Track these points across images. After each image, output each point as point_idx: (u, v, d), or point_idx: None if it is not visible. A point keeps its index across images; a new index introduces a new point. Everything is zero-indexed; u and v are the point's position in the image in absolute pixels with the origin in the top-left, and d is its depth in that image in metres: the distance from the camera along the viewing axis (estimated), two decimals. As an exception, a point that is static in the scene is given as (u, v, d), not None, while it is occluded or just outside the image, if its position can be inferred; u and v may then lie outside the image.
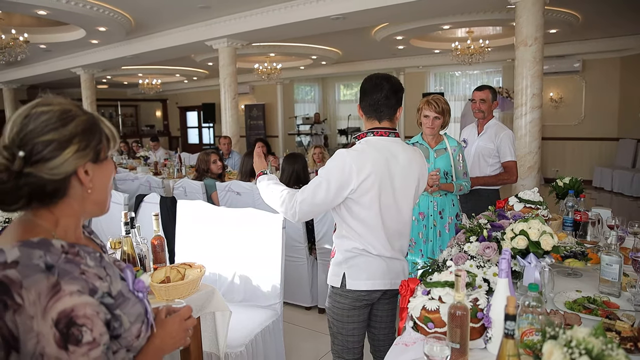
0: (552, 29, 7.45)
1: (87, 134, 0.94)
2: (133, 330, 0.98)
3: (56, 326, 0.82)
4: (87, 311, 0.86)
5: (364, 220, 1.89)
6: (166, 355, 1.13)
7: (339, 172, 1.84)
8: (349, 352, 2.05)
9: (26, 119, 0.91)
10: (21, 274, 0.83)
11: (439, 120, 2.89)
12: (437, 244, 2.92)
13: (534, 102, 4.74)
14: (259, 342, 2.48)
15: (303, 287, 3.79)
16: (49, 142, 0.89)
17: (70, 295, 0.85)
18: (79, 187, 0.95)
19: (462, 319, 1.32)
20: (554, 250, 1.75)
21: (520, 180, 4.59)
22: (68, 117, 0.93)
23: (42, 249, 0.88)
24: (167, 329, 1.09)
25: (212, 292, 2.05)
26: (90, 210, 1.00)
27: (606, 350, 0.86)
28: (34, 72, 10.95)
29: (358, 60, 11.53)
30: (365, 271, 1.92)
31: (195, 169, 5.06)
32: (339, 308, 1.99)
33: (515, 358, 0.99)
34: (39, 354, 0.82)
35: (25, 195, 0.90)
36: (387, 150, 1.90)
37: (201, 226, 2.86)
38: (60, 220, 0.96)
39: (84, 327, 0.85)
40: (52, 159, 0.89)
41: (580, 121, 9.89)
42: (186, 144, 16.78)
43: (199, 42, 7.56)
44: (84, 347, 0.85)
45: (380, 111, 1.92)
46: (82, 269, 0.91)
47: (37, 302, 0.82)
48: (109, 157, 1.00)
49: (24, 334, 0.81)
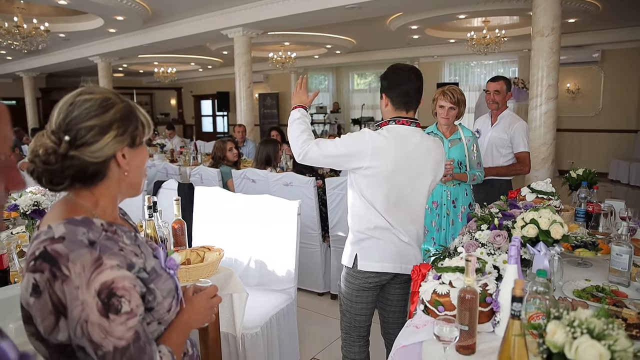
0: (571, 19, 7.35)
1: (125, 121, 1.01)
2: (165, 304, 1.05)
3: (98, 296, 0.90)
4: (126, 284, 0.94)
5: (377, 201, 1.95)
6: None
7: (354, 142, 1.92)
8: (356, 330, 2.13)
9: (71, 106, 0.99)
10: (67, 248, 0.92)
11: (454, 110, 2.91)
12: (450, 232, 2.97)
13: (549, 93, 4.71)
14: (273, 324, 2.56)
15: (316, 273, 3.87)
16: (91, 127, 0.97)
17: (111, 269, 0.92)
18: (116, 170, 1.02)
19: (471, 302, 1.37)
20: (564, 239, 1.79)
21: (534, 171, 4.59)
22: (108, 105, 1.00)
23: (85, 227, 0.96)
24: (195, 305, 1.16)
25: (230, 274, 2.13)
26: (126, 191, 1.08)
27: (607, 330, 0.90)
28: (52, 60, 11.13)
29: (372, 49, 11.49)
30: (375, 253, 1.99)
31: (211, 157, 5.14)
32: (350, 288, 2.08)
33: (520, 337, 1.05)
34: (84, 321, 0.89)
35: (70, 176, 0.98)
36: (407, 138, 1.96)
37: (218, 212, 2.94)
38: (100, 201, 1.04)
39: (123, 298, 0.92)
40: (94, 143, 0.97)
41: (598, 113, 9.75)
42: (200, 132, 16.91)
43: (214, 31, 7.61)
44: (123, 316, 0.92)
45: (409, 102, 1.99)
46: (120, 246, 0.99)
47: (81, 274, 0.90)
48: (144, 142, 1.08)
49: (71, 302, 0.90)
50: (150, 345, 0.98)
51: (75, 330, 0.90)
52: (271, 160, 4.45)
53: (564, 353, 0.90)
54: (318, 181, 3.79)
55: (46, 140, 0.96)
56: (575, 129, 9.92)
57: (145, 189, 3.82)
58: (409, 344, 1.48)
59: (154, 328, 1.05)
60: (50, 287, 0.90)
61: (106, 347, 0.90)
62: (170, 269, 1.10)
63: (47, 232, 0.95)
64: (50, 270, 0.90)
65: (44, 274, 0.91)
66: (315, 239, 3.79)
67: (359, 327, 2.13)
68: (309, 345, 3.13)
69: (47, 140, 0.96)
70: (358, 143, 1.92)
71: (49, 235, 0.94)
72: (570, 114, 9.87)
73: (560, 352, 0.91)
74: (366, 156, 1.90)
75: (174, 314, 1.10)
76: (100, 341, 0.90)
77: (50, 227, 0.95)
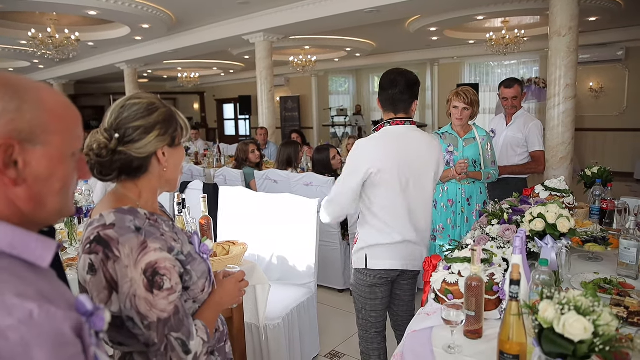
0: (592, 17, 7.29)
1: (166, 123, 1.17)
2: (199, 285, 1.20)
3: (144, 274, 1.05)
4: (167, 264, 1.08)
5: (385, 204, 2.06)
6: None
7: (350, 163, 2.05)
8: (372, 326, 2.23)
9: (122, 109, 1.15)
10: (118, 233, 1.06)
11: (467, 111, 2.99)
12: (465, 229, 3.04)
13: (567, 92, 4.73)
14: (294, 316, 2.69)
15: (336, 270, 3.99)
16: (137, 127, 1.13)
17: (155, 251, 1.07)
18: (157, 166, 1.18)
19: (476, 289, 1.48)
20: (571, 233, 1.86)
21: (552, 170, 4.62)
22: (153, 109, 1.16)
23: (132, 215, 1.12)
24: (225, 287, 1.31)
25: (254, 267, 2.27)
26: (164, 186, 1.24)
27: (592, 307, 1.00)
28: (81, 68, 11.55)
29: (392, 51, 11.55)
30: (384, 253, 2.11)
31: (234, 159, 5.31)
32: (363, 286, 2.18)
33: (517, 316, 1.15)
34: (132, 295, 1.04)
35: (117, 168, 1.14)
36: (404, 137, 2.06)
37: (242, 211, 3.08)
38: (143, 193, 1.20)
39: (165, 277, 1.07)
40: (139, 141, 1.13)
41: (622, 112, 9.60)
42: (223, 136, 17.22)
43: (236, 36, 7.80)
44: (165, 292, 1.07)
45: (395, 105, 2.08)
46: (161, 232, 1.14)
47: (130, 255, 1.05)
48: (182, 144, 1.23)
49: (121, 279, 1.04)
50: (187, 318, 1.12)
51: (125, 303, 1.04)
52: (292, 161, 4.60)
53: (553, 328, 1.00)
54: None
55: (100, 136, 1.12)
56: (599, 128, 9.79)
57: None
58: (420, 329, 1.59)
59: (189, 306, 1.20)
60: (104, 266, 1.05)
61: (151, 318, 1.05)
62: (204, 253, 1.25)
63: (99, 219, 1.10)
64: (104, 252, 1.05)
65: (99, 255, 1.05)
66: (335, 237, 3.91)
67: (374, 323, 2.23)
68: (329, 338, 3.25)
69: (101, 137, 1.12)
70: (353, 161, 2.04)
71: (101, 222, 1.09)
72: (593, 113, 9.74)
73: (550, 327, 1.01)
74: (365, 163, 2.01)
75: (207, 294, 1.24)
76: (146, 313, 1.04)
77: (102, 216, 1.10)
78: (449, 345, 1.44)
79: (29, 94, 0.69)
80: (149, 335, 1.06)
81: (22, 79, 0.71)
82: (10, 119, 0.66)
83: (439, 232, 3.06)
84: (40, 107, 0.70)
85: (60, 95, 0.76)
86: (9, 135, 0.66)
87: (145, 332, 1.05)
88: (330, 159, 4.16)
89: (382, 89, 2.11)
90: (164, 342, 1.07)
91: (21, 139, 0.67)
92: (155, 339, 1.06)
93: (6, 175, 0.67)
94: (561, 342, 0.99)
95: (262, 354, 2.56)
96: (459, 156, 3.03)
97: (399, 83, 2.06)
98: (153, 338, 1.06)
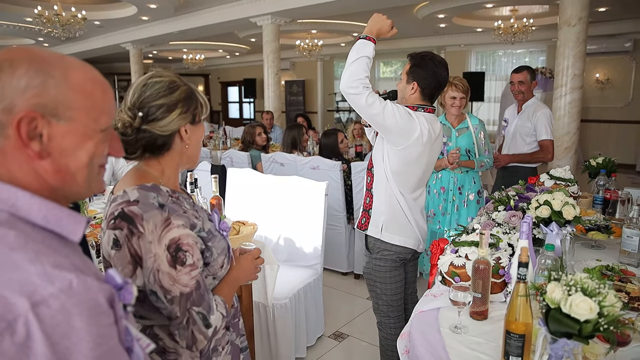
0: (602, 7, 7.24)
1: (187, 101, 1.18)
2: (219, 261, 1.23)
3: (168, 250, 1.07)
4: (189, 240, 1.11)
5: (403, 180, 2.08)
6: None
7: (406, 121, 1.98)
8: (394, 309, 2.23)
9: (144, 87, 1.15)
10: (142, 210, 1.08)
11: (464, 99, 3.05)
12: (455, 217, 3.12)
13: (574, 82, 4.73)
14: (301, 296, 2.76)
15: (341, 254, 4.05)
16: (160, 105, 1.14)
17: (178, 228, 1.09)
18: (179, 143, 1.19)
19: (484, 272, 1.52)
20: (575, 220, 1.91)
21: (557, 160, 4.64)
22: (174, 87, 1.16)
23: (155, 192, 1.14)
24: (242, 264, 1.33)
25: (263, 247, 2.32)
26: (186, 162, 1.26)
27: (598, 289, 1.05)
28: (86, 47, 11.52)
29: (399, 38, 11.45)
30: (399, 230, 2.14)
31: (241, 141, 5.34)
32: (381, 271, 2.18)
33: (525, 297, 1.19)
34: (156, 270, 1.07)
35: (142, 146, 1.16)
36: (433, 126, 2.08)
37: (249, 192, 3.13)
38: (165, 170, 1.21)
39: (187, 253, 1.09)
40: (163, 119, 1.14)
41: (628, 103, 9.58)
42: (227, 119, 17.19)
43: (244, 18, 7.76)
44: (187, 268, 1.09)
45: (436, 96, 2.13)
46: (184, 209, 1.17)
47: (154, 231, 1.07)
48: (202, 121, 1.24)
49: (145, 254, 1.07)
50: (208, 293, 1.16)
51: (149, 277, 1.07)
52: (297, 143, 4.62)
53: (560, 308, 1.05)
54: (343, 165, 3.95)
55: (124, 115, 1.13)
56: (604, 119, 9.78)
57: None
58: (427, 309, 1.64)
59: (209, 282, 1.23)
60: (128, 241, 1.07)
61: (174, 292, 1.08)
62: (223, 230, 1.28)
63: (122, 196, 1.12)
64: (128, 228, 1.07)
65: (123, 231, 1.07)
66: (341, 221, 3.96)
67: (396, 307, 2.23)
68: (333, 320, 3.32)
69: (125, 116, 1.13)
70: (410, 124, 1.98)
71: (125, 198, 1.11)
72: (599, 105, 9.72)
73: (557, 307, 1.06)
74: (410, 139, 1.99)
75: (226, 270, 1.27)
76: (169, 287, 1.07)
77: (125, 192, 1.12)
78: (455, 326, 1.49)
79: (55, 70, 0.70)
80: (172, 309, 1.08)
81: (50, 54, 0.72)
82: (34, 94, 0.67)
83: (431, 217, 3.18)
84: (66, 83, 0.70)
85: (89, 70, 0.75)
86: (32, 109, 0.67)
87: (168, 305, 1.08)
88: (338, 142, 4.19)
89: (431, 76, 2.05)
90: (186, 316, 1.09)
91: (45, 113, 0.68)
92: (178, 312, 1.08)
93: (30, 147, 0.68)
94: (567, 322, 1.03)
95: (268, 332, 2.62)
96: (452, 146, 3.09)
97: (446, 77, 2.09)
98: (175, 312, 1.08)
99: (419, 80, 2.07)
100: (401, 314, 2.27)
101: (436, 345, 1.40)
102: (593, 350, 1.23)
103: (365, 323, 3.27)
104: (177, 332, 1.11)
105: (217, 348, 1.26)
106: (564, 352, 1.06)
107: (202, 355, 1.21)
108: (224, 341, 1.29)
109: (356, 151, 5.28)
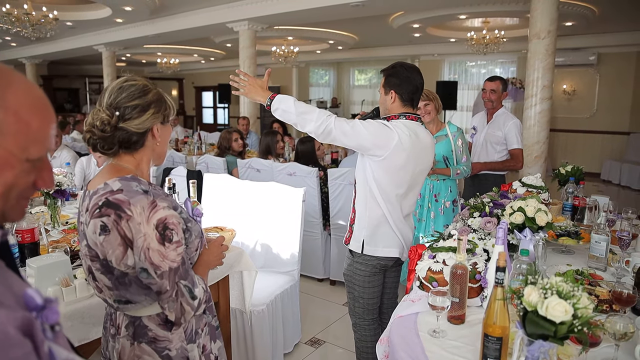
0: (568, 22, 7.52)
1: (158, 102, 1.31)
2: (195, 243, 1.36)
3: (156, 229, 1.18)
4: (174, 220, 1.22)
5: (388, 190, 2.10)
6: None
7: (381, 132, 2.02)
8: (370, 313, 2.28)
9: (120, 89, 1.27)
10: (127, 196, 1.18)
11: (430, 105, 3.11)
12: (430, 224, 3.17)
13: (544, 93, 4.89)
14: (278, 302, 2.75)
15: (317, 260, 4.05)
16: (135, 106, 1.26)
17: (163, 209, 1.20)
18: (152, 140, 1.32)
19: (461, 277, 1.56)
20: (548, 226, 1.97)
21: (527, 168, 4.78)
22: (147, 90, 1.29)
23: (135, 182, 1.24)
24: (211, 249, 1.46)
25: (241, 253, 2.31)
26: (156, 159, 1.38)
27: (572, 292, 1.09)
28: (57, 48, 11.22)
29: (374, 46, 11.63)
30: (382, 240, 2.16)
31: (217, 146, 5.30)
32: (361, 275, 2.22)
33: (502, 301, 1.23)
34: (146, 248, 1.17)
35: (118, 142, 1.27)
36: (416, 132, 2.11)
37: (226, 198, 3.11)
38: (140, 165, 1.33)
39: (173, 231, 1.21)
40: (138, 118, 1.26)
41: (593, 114, 9.95)
42: (201, 124, 17.01)
43: (220, 23, 7.72)
44: (174, 244, 1.21)
45: (416, 99, 2.15)
46: (165, 194, 1.28)
47: (142, 213, 1.17)
48: (170, 121, 1.38)
49: (136, 235, 1.16)
50: (190, 269, 1.29)
51: (140, 255, 1.17)
52: (270, 149, 4.60)
53: (537, 310, 1.09)
54: (320, 172, 3.97)
55: (102, 114, 1.23)
56: (571, 129, 10.13)
57: (154, 175, 3.99)
58: (405, 314, 1.67)
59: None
60: (117, 225, 1.16)
61: (163, 268, 1.19)
62: (197, 216, 1.44)
63: (104, 187, 1.21)
64: (116, 213, 1.16)
65: (110, 217, 1.16)
66: (317, 227, 3.96)
67: (372, 310, 2.28)
68: (309, 326, 3.32)
69: (103, 115, 1.23)
70: (385, 134, 2.02)
71: (107, 189, 1.20)
72: (565, 115, 10.07)
73: (534, 310, 1.09)
74: (389, 148, 2.01)
75: (197, 254, 1.39)
76: (159, 263, 1.18)
77: (106, 184, 1.21)
78: (433, 330, 1.51)
79: None
80: (162, 284, 1.19)
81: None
82: None
83: None
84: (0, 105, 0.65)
85: (33, 95, 0.69)
86: None
87: (158, 280, 1.19)
88: (315, 149, 4.20)
89: (404, 81, 2.10)
90: (175, 289, 1.21)
91: None
92: (168, 286, 1.20)
93: None
94: (543, 324, 1.07)
95: (245, 339, 2.60)
96: None
97: (419, 77, 2.13)
98: (165, 286, 1.20)
99: (395, 87, 2.13)
100: (376, 317, 2.32)
101: (416, 349, 1.42)
102: (566, 351, 1.28)
103: (341, 329, 3.28)
104: (167, 305, 1.23)
105: (197, 331, 1.38)
106: (540, 354, 1.09)
107: (187, 337, 1.34)
108: (202, 323, 1.41)
109: (332, 158, 5.31)
